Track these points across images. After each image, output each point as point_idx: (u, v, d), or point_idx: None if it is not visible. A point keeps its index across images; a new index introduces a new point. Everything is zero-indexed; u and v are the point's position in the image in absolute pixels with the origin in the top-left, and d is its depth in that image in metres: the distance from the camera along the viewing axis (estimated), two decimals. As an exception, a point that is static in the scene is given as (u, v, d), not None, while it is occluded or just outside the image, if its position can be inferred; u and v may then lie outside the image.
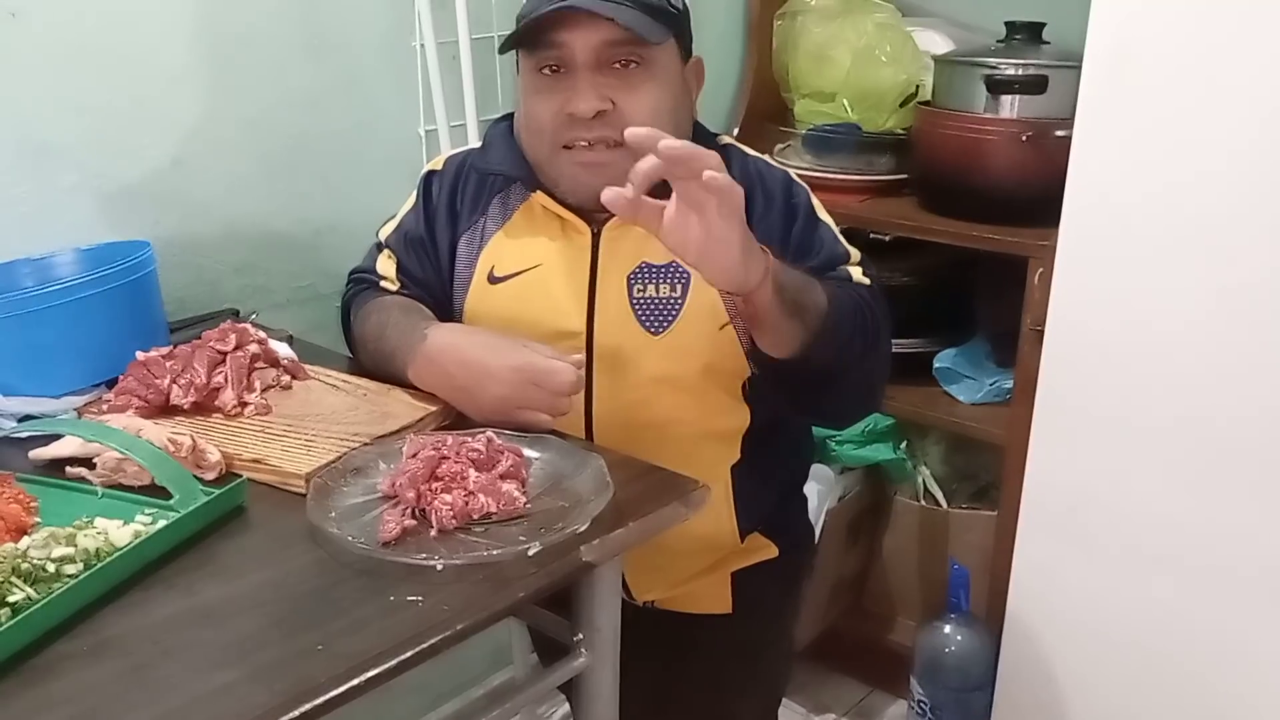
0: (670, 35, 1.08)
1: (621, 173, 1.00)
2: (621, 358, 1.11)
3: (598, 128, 1.05)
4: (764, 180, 1.14)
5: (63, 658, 0.72)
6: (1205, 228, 1.26)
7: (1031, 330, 1.50)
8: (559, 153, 1.08)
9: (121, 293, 1.11)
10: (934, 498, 1.84)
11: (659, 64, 1.07)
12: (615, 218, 1.10)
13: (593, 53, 1.05)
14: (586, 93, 1.05)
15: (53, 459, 0.96)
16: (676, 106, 1.10)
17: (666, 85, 1.08)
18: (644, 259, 1.11)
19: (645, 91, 1.06)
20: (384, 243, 1.23)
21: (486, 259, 1.16)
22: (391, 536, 0.84)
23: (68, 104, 1.23)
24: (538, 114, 1.09)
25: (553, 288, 1.12)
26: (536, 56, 1.08)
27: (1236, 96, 1.22)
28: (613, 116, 1.05)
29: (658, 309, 1.10)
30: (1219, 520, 1.33)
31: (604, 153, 1.06)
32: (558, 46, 1.05)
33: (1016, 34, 1.64)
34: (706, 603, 1.22)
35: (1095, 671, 1.48)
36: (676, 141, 0.83)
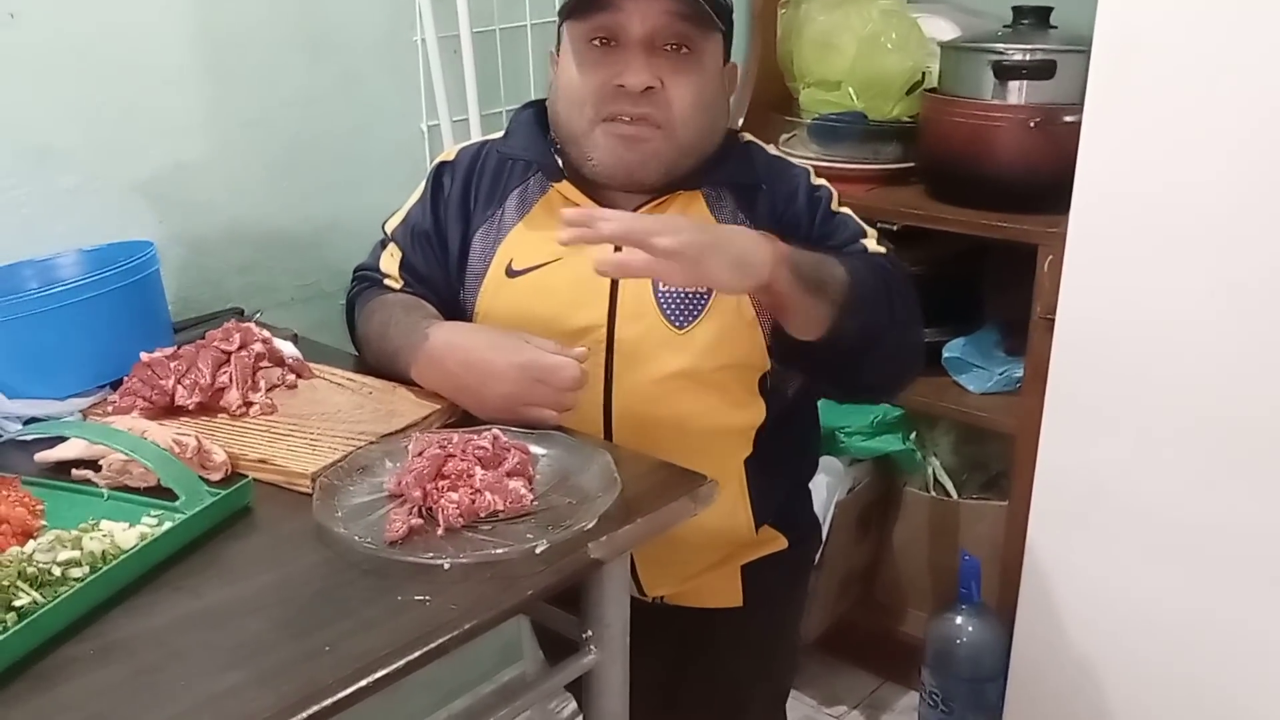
0: (723, 28, 1.10)
1: (655, 152, 1.06)
2: (642, 352, 1.10)
3: (643, 104, 1.06)
4: (785, 177, 1.16)
5: (69, 661, 0.72)
6: (1217, 214, 1.25)
7: (1042, 319, 1.49)
8: (597, 125, 1.08)
9: (125, 293, 1.10)
10: (944, 488, 1.83)
11: (706, 55, 1.09)
12: (641, 209, 1.11)
13: (650, 26, 1.05)
14: (640, 67, 1.05)
15: (58, 461, 0.96)
16: (715, 100, 1.12)
17: (710, 77, 1.10)
18: None
19: (692, 78, 1.07)
20: (389, 236, 1.22)
21: (505, 252, 1.14)
22: (398, 536, 0.84)
23: (69, 106, 1.22)
24: (583, 85, 1.08)
25: (574, 281, 1.10)
26: (589, 24, 1.07)
27: (1247, 80, 1.20)
28: (659, 96, 1.06)
29: (684, 303, 1.10)
30: (1231, 508, 1.32)
31: (645, 129, 1.07)
32: (616, 11, 1.05)
33: (1024, 19, 1.62)
34: (717, 596, 1.21)
35: (1108, 661, 1.48)
36: (615, 223, 0.92)
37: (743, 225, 1.11)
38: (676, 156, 1.09)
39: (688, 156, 1.09)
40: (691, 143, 1.09)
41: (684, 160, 1.10)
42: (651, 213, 1.11)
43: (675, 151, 1.08)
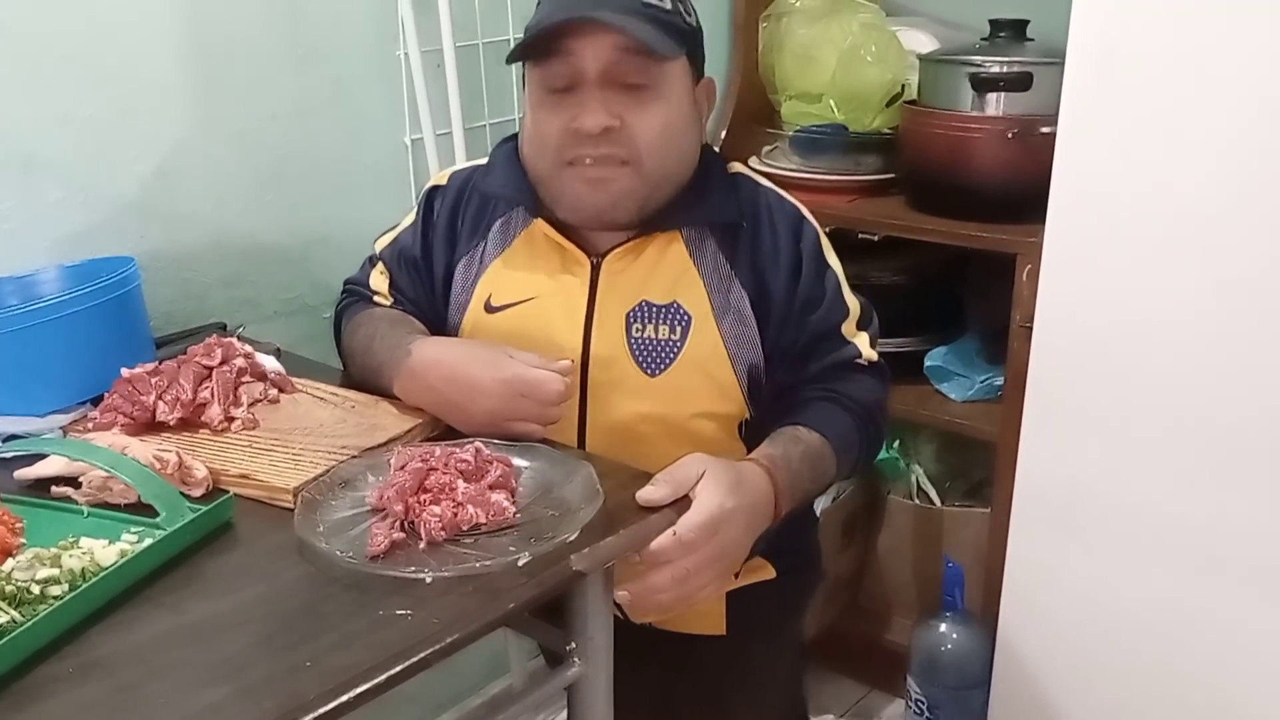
0: (682, 52, 1.05)
1: (625, 191, 1.03)
2: (615, 396, 1.09)
3: (604, 144, 1.03)
4: (773, 214, 1.12)
5: (50, 679, 0.72)
6: (1191, 222, 1.27)
7: (1020, 327, 1.50)
8: (563, 169, 1.06)
9: (106, 310, 1.10)
10: (927, 496, 1.84)
11: (669, 83, 1.05)
12: (617, 250, 1.09)
13: (602, 65, 1.02)
14: (595, 108, 1.02)
15: (38, 478, 0.96)
16: (685, 127, 1.08)
17: (676, 105, 1.06)
18: (644, 297, 1.09)
19: (654, 111, 1.04)
20: (378, 255, 1.21)
21: (484, 287, 1.14)
22: (380, 550, 0.84)
23: (53, 118, 1.22)
24: (544, 130, 1.06)
25: (549, 320, 1.10)
26: (545, 70, 1.05)
27: (1219, 90, 1.22)
28: (620, 134, 1.03)
29: (655, 350, 1.08)
30: (1211, 513, 1.33)
31: (609, 169, 1.03)
32: (567, 56, 1.03)
33: (1000, 32, 1.64)
34: (700, 623, 1.20)
35: (1091, 666, 1.48)
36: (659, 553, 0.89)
37: (724, 271, 1.09)
38: (648, 191, 1.06)
39: (660, 188, 1.07)
40: (662, 174, 1.06)
41: (657, 193, 1.07)
42: (629, 252, 1.09)
43: (646, 186, 1.05)
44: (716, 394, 1.09)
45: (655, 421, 1.08)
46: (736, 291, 1.08)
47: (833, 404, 1.11)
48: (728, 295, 1.08)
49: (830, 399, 1.11)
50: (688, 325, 1.08)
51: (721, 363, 1.08)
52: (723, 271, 1.09)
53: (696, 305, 1.08)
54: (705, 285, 1.09)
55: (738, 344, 1.09)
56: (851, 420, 1.10)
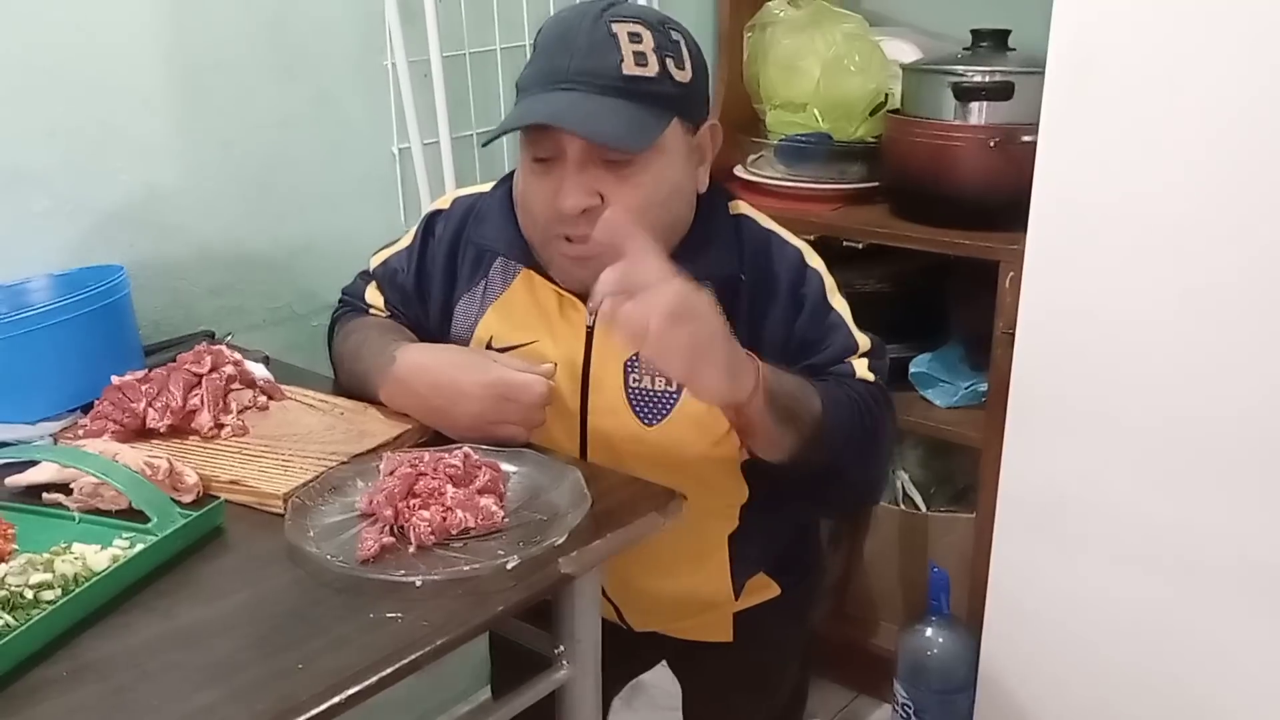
0: (664, 124, 1.00)
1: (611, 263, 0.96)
2: (615, 443, 1.08)
3: (584, 224, 0.99)
4: (774, 261, 1.09)
5: (43, 683, 0.72)
6: (1170, 229, 1.29)
7: (1003, 333, 1.52)
8: (549, 241, 1.04)
9: (95, 318, 1.11)
10: (913, 502, 1.85)
11: (659, 154, 1.00)
12: None
13: (580, 146, 0.99)
14: (573, 190, 0.99)
15: (29, 485, 0.96)
16: (674, 193, 1.03)
17: (662, 173, 1.01)
18: None
19: (636, 185, 1.00)
20: (372, 273, 1.20)
21: (485, 327, 1.12)
22: (370, 554, 0.84)
23: (40, 129, 1.23)
24: (531, 200, 1.04)
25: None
26: (528, 140, 1.02)
27: (1197, 99, 1.24)
28: (601, 211, 0.97)
29: (653, 401, 1.06)
30: (1193, 518, 1.35)
31: (592, 247, 0.98)
32: (543, 134, 1.00)
33: (982, 41, 1.66)
34: (706, 633, 1.21)
35: (1074, 669, 1.50)
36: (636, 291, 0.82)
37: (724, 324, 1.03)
38: None
39: None
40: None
41: None
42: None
43: None
44: (713, 443, 1.07)
45: (655, 468, 1.03)
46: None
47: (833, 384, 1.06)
48: None
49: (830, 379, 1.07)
50: None
51: (718, 414, 1.03)
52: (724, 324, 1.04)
53: None
54: None
55: None
56: (842, 391, 1.04)
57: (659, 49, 0.99)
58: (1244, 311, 1.26)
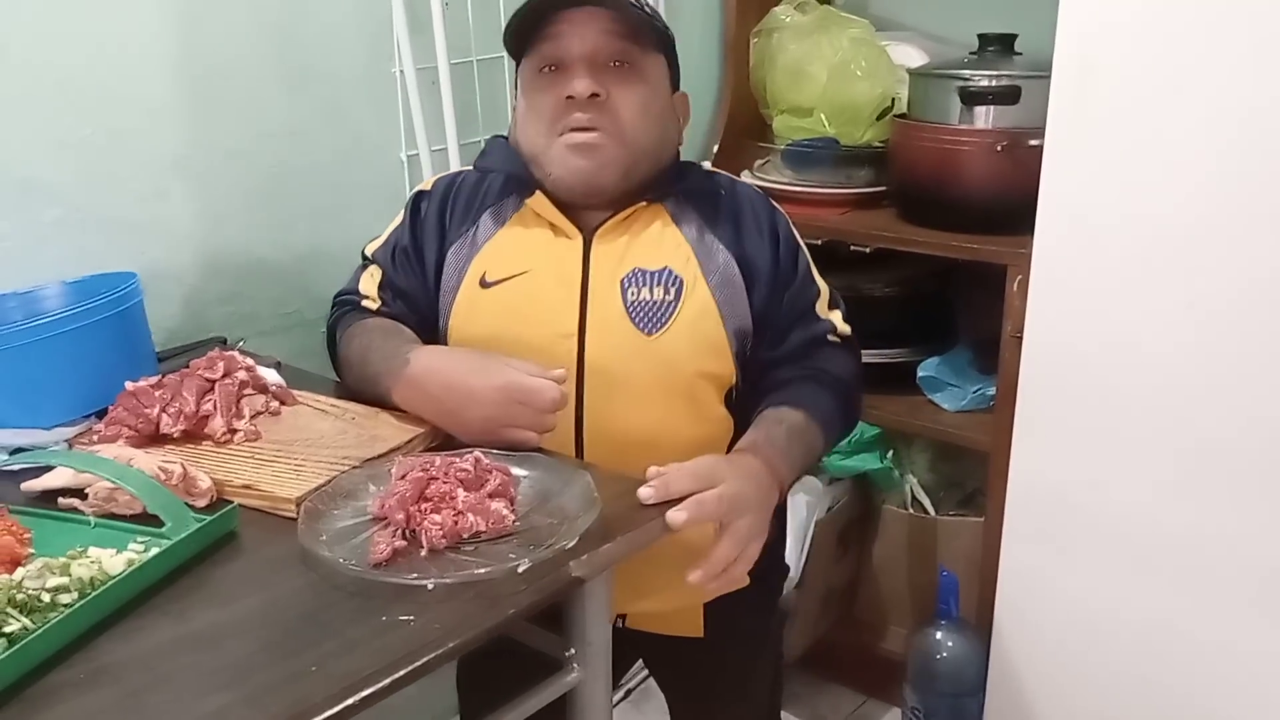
0: (660, 50, 1.16)
1: (610, 158, 1.11)
2: (615, 360, 1.12)
3: (592, 110, 1.10)
4: (748, 196, 1.22)
5: (60, 686, 0.73)
6: (1177, 231, 1.29)
7: (1011, 337, 1.52)
8: (554, 139, 1.12)
9: (109, 324, 1.12)
10: (922, 505, 1.85)
11: (649, 71, 1.15)
12: (607, 223, 1.15)
13: (589, 46, 1.11)
14: (583, 76, 1.10)
15: (45, 490, 0.97)
16: (663, 114, 1.17)
17: (655, 91, 1.15)
18: (637, 264, 1.14)
19: (636, 89, 1.13)
20: (370, 257, 1.24)
21: (478, 265, 1.17)
22: (382, 557, 0.85)
23: (51, 139, 1.24)
24: (536, 105, 1.14)
25: (544, 292, 1.14)
26: (536, 56, 1.14)
27: (1203, 103, 1.24)
28: (605, 104, 1.11)
29: (652, 311, 1.13)
30: (1203, 522, 1.35)
31: (596, 136, 1.11)
32: (556, 39, 1.11)
33: (989, 46, 1.67)
34: (678, 626, 1.24)
35: (1083, 673, 1.50)
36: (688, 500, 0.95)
37: (708, 238, 1.16)
38: (630, 162, 1.13)
39: (641, 162, 1.14)
40: (643, 148, 1.13)
41: (638, 166, 1.14)
42: (618, 226, 1.15)
43: (628, 156, 1.12)
44: (711, 353, 1.14)
45: (652, 384, 1.12)
46: (722, 255, 1.15)
47: (812, 382, 1.17)
48: (714, 259, 1.15)
49: (809, 377, 1.17)
50: (681, 287, 1.13)
51: (714, 322, 1.14)
52: (707, 239, 1.16)
53: (686, 269, 1.14)
54: (693, 250, 1.15)
55: (729, 304, 1.14)
56: (831, 396, 1.16)
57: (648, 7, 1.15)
58: (1253, 315, 1.26)
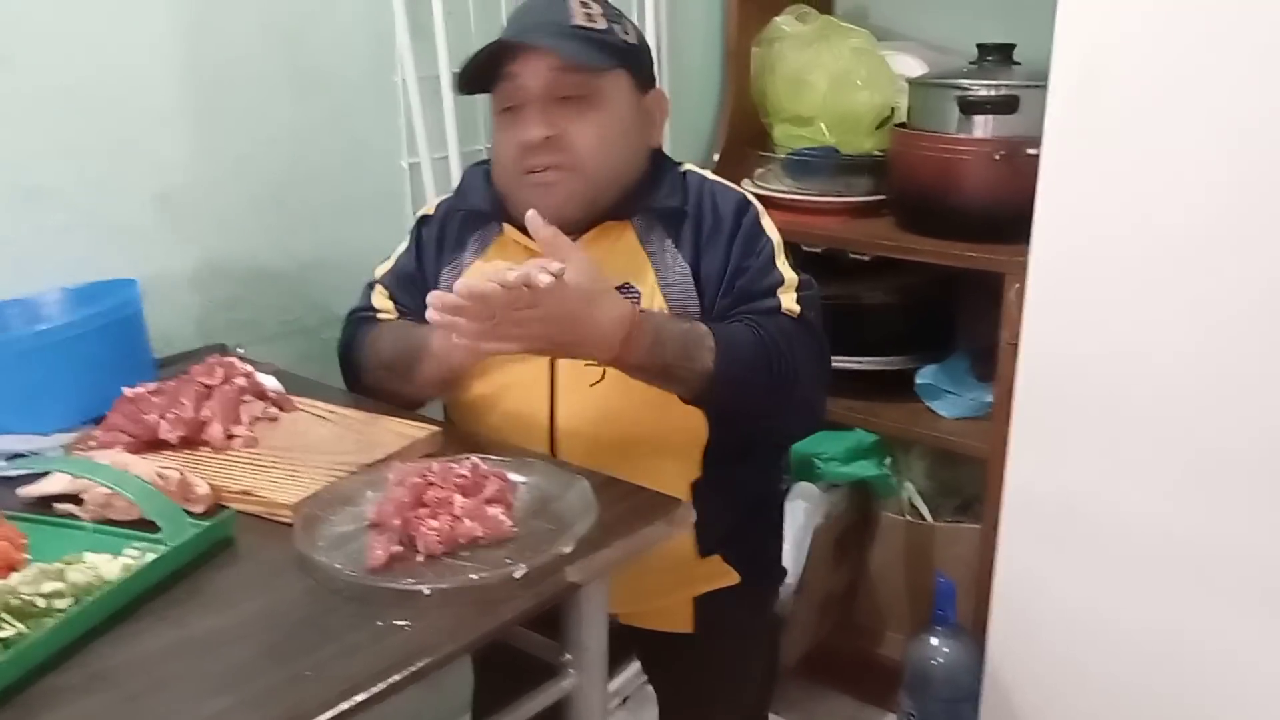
0: (617, 66, 1.14)
1: (569, 194, 1.13)
2: (582, 371, 1.14)
3: (545, 152, 1.12)
4: (716, 200, 1.20)
5: (56, 691, 0.73)
6: (1173, 239, 1.29)
7: (1009, 345, 1.53)
8: (518, 180, 1.15)
9: (108, 332, 1.12)
10: (919, 512, 1.85)
11: (607, 95, 1.14)
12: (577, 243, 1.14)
13: (541, 83, 1.11)
14: (535, 120, 1.12)
15: (41, 496, 0.97)
16: (626, 134, 1.16)
17: (615, 115, 1.15)
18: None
19: (591, 120, 1.13)
20: (378, 280, 1.27)
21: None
22: (379, 563, 0.85)
23: (56, 146, 1.24)
24: (501, 148, 1.17)
25: None
26: (496, 96, 1.16)
27: (1199, 112, 1.25)
28: (560, 141, 1.12)
29: None
30: (1200, 528, 1.35)
31: (553, 175, 1.13)
32: (512, 79, 1.13)
33: (988, 56, 1.67)
34: (669, 621, 1.25)
35: (1079, 680, 1.50)
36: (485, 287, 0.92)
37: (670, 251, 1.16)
38: (592, 193, 1.14)
39: (606, 191, 1.15)
40: (605, 177, 1.14)
41: (603, 195, 1.15)
42: (585, 244, 1.14)
43: (589, 189, 1.14)
44: None
45: (619, 390, 1.13)
46: (680, 267, 1.16)
47: (735, 321, 1.13)
48: (672, 269, 1.16)
49: (735, 318, 1.14)
50: (638, 299, 1.15)
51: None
52: (668, 249, 1.17)
53: (644, 281, 1.16)
54: (653, 266, 1.17)
55: (681, 308, 1.15)
56: (750, 333, 1.10)
57: (607, 16, 1.15)
58: (1248, 322, 1.26)
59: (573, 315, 0.99)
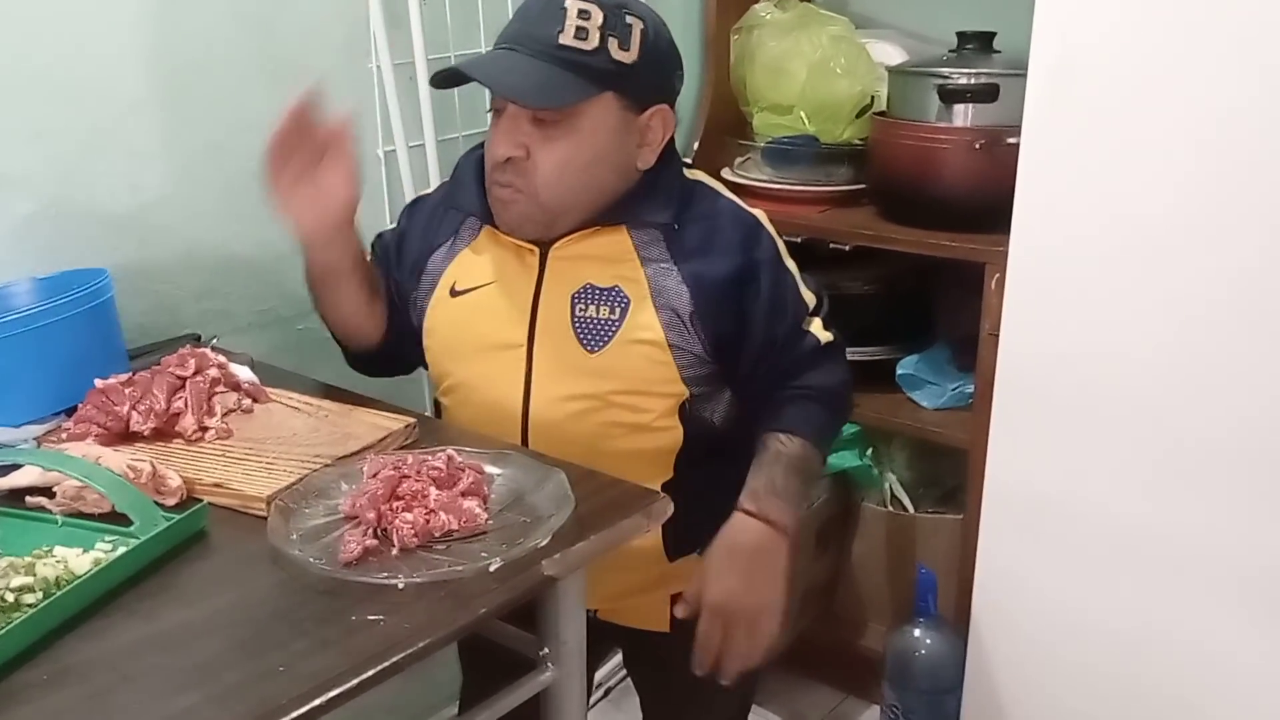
0: (592, 94, 1.08)
1: (523, 215, 1.13)
2: (556, 370, 1.14)
3: (507, 172, 1.11)
4: (725, 220, 1.17)
5: (24, 686, 0.72)
6: (1153, 229, 1.29)
7: (990, 335, 1.53)
8: (489, 184, 1.15)
9: (79, 321, 1.11)
10: (900, 503, 1.86)
11: (583, 120, 1.09)
12: (563, 240, 1.16)
13: (516, 105, 1.10)
14: (500, 139, 1.11)
15: (12, 489, 0.96)
16: (598, 159, 1.11)
17: (587, 140, 1.10)
18: (588, 281, 1.15)
19: (558, 146, 1.09)
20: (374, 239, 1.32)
21: (450, 274, 1.21)
22: (353, 557, 0.85)
23: (24, 133, 1.22)
24: (486, 147, 1.16)
25: (500, 303, 1.17)
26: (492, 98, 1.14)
27: (1179, 101, 1.24)
28: (522, 165, 1.10)
29: (596, 329, 1.14)
30: (1179, 518, 1.35)
31: (510, 194, 1.12)
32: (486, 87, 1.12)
33: (968, 44, 1.67)
34: (645, 619, 1.25)
35: (1060, 671, 1.50)
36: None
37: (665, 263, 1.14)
38: (546, 218, 1.13)
39: (562, 216, 1.13)
40: (560, 204, 1.12)
41: (560, 220, 1.13)
42: (575, 243, 1.15)
43: (542, 214, 1.12)
44: (651, 374, 1.14)
45: (590, 398, 1.13)
46: (674, 282, 1.14)
47: (802, 400, 1.18)
48: (665, 284, 1.14)
49: (801, 396, 1.18)
50: (626, 307, 1.13)
51: (658, 345, 1.13)
52: (664, 264, 1.14)
53: (635, 289, 1.14)
54: (646, 274, 1.14)
55: (673, 330, 1.13)
56: (821, 409, 1.19)
57: (605, 28, 1.08)
58: (1228, 311, 1.26)
59: (746, 591, 1.09)
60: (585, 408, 1.14)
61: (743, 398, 1.22)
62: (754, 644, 1.10)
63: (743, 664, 1.10)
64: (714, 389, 1.19)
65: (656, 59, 1.13)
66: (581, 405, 1.14)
